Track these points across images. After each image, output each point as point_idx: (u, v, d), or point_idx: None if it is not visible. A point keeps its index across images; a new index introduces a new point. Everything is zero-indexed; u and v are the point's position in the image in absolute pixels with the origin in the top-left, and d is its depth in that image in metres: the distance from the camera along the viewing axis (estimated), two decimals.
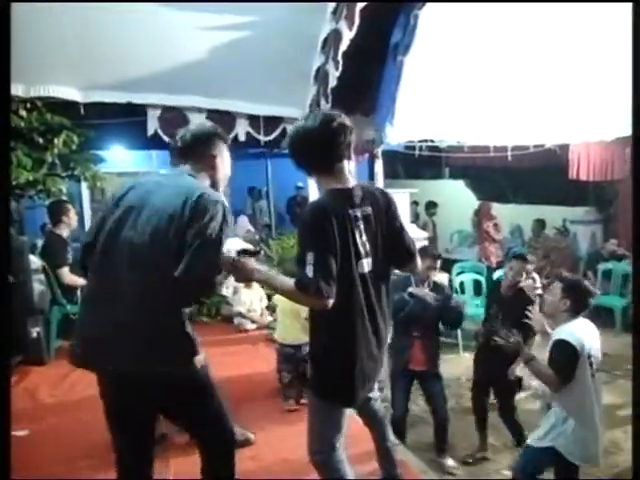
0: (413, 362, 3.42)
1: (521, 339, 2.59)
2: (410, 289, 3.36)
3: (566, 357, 2.35)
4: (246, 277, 2.00)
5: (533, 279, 5.03)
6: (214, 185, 2.02)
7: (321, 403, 1.98)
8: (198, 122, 2.18)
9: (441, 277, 5.42)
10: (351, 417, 2.16)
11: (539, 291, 4.37)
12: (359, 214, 1.90)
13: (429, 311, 3.34)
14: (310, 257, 1.76)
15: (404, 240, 2.05)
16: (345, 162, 1.94)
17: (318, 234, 1.79)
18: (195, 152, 1.99)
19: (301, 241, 1.86)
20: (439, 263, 3.52)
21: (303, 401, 3.31)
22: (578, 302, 2.49)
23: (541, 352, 2.57)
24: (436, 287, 3.47)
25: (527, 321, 2.75)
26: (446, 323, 3.57)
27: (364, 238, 1.90)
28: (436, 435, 3.47)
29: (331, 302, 1.77)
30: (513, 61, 4.24)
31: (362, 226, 1.90)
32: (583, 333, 2.44)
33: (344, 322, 1.88)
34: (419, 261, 2.16)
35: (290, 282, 1.85)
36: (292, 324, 3.54)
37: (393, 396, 3.53)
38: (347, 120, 1.92)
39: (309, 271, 1.75)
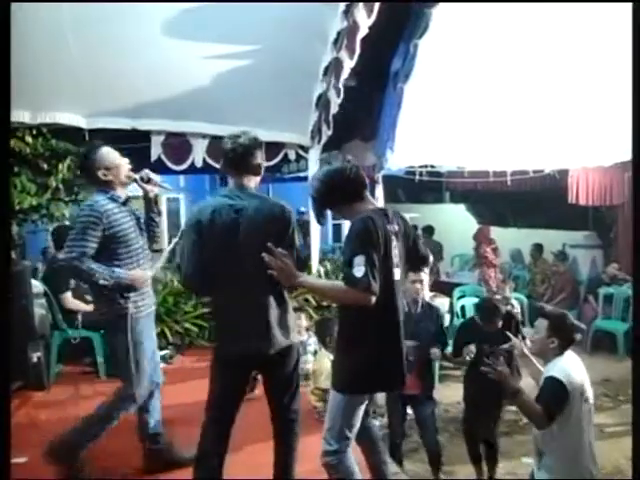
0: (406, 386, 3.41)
1: (508, 370, 2.50)
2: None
3: (555, 394, 2.31)
4: (291, 280, 2.18)
5: (512, 305, 5.02)
6: None
7: (350, 400, 2.20)
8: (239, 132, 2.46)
9: (442, 301, 5.43)
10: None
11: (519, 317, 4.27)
12: (392, 230, 2.22)
13: (421, 335, 3.32)
14: (360, 259, 2.03)
15: (420, 247, 2.45)
16: (366, 190, 2.31)
17: (368, 240, 2.07)
18: (245, 162, 2.41)
19: (350, 246, 2.12)
20: (427, 278, 3.55)
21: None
22: (565, 339, 2.44)
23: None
24: (430, 308, 3.48)
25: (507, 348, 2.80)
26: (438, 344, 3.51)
27: (396, 251, 2.21)
28: (429, 461, 3.41)
29: (374, 299, 2.03)
30: (512, 88, 4.31)
31: (395, 241, 2.21)
32: (574, 369, 2.40)
33: (390, 320, 2.19)
34: (431, 258, 2.57)
35: (337, 282, 2.19)
36: None
37: (390, 421, 3.52)
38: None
39: (358, 272, 2.02)
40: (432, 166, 5.92)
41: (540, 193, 7.04)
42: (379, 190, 4.69)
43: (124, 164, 2.79)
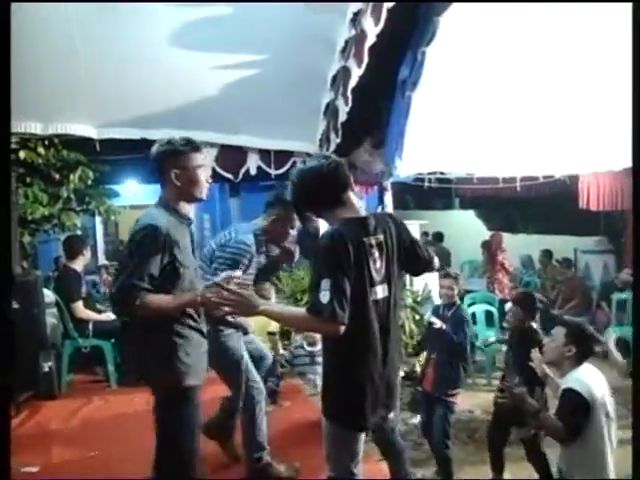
0: (425, 381, 3.40)
1: (525, 390, 2.44)
2: (430, 318, 3.37)
3: (576, 407, 2.22)
4: (250, 310, 1.98)
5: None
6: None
7: (334, 427, 2.04)
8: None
9: None
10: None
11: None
12: (373, 242, 1.98)
13: (444, 336, 3.30)
14: (325, 283, 1.81)
15: (419, 251, 2.20)
16: (350, 192, 2.06)
17: (334, 261, 1.85)
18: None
19: (317, 267, 1.91)
20: (457, 283, 3.48)
21: None
22: (584, 348, 2.37)
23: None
24: (459, 317, 3.38)
25: (531, 364, 2.65)
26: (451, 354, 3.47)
27: (378, 265, 1.97)
28: (437, 468, 3.34)
29: (343, 328, 1.83)
30: (520, 93, 4.29)
31: (377, 253, 1.98)
32: (594, 381, 2.32)
33: (355, 347, 1.95)
34: (437, 260, 2.32)
35: (299, 310, 1.99)
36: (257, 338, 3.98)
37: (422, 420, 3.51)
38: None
39: (323, 297, 1.80)
40: (441, 173, 5.91)
41: (550, 199, 7.00)
42: (388, 197, 4.69)
43: None
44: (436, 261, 2.30)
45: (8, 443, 1.75)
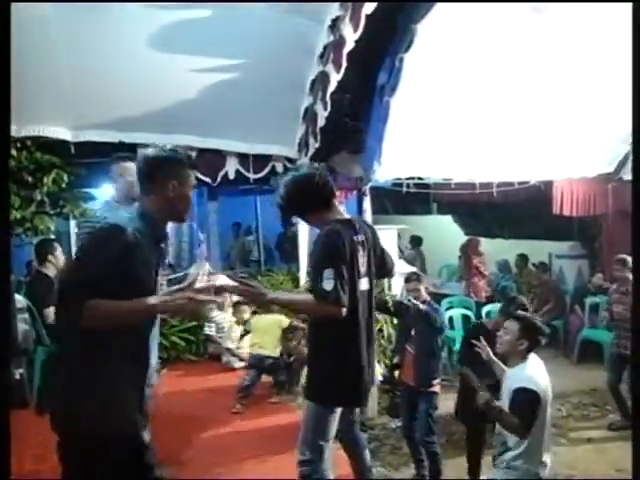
0: (405, 375, 3.40)
1: (489, 395, 2.50)
2: (406, 300, 3.35)
3: (531, 405, 2.36)
4: (260, 299, 2.15)
5: None
6: None
7: (320, 410, 2.22)
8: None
9: None
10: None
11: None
12: (360, 239, 2.22)
13: (420, 326, 3.30)
14: (329, 272, 2.04)
15: (386, 257, 2.49)
16: (334, 198, 2.29)
17: (335, 253, 2.08)
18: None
19: (318, 260, 2.13)
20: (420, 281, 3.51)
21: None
22: (534, 342, 2.52)
23: None
24: (432, 307, 3.39)
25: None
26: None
27: (362, 260, 2.22)
28: (415, 466, 3.34)
29: (345, 311, 2.06)
30: (497, 101, 4.37)
31: (361, 251, 2.22)
32: (540, 375, 2.47)
33: (346, 331, 2.17)
34: (395, 269, 2.69)
35: (306, 296, 2.21)
36: (271, 338, 4.46)
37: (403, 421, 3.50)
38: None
39: (327, 284, 2.02)
40: (419, 178, 5.96)
41: (526, 204, 7.10)
42: (367, 202, 4.71)
43: None
44: (395, 269, 2.66)
45: (8, 443, 1.72)
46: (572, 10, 3.67)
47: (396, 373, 3.76)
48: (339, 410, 2.27)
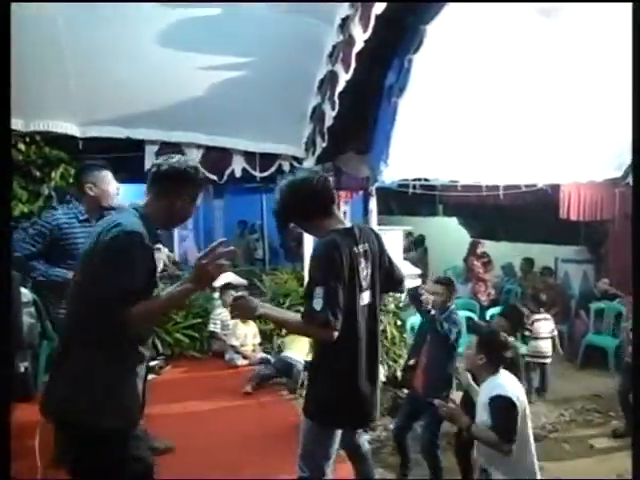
0: (415, 379, 3.30)
1: (456, 406, 2.50)
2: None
3: (508, 413, 2.26)
4: (250, 313, 2.02)
5: None
6: None
7: (319, 429, 2.08)
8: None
9: None
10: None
11: None
12: (361, 250, 2.05)
13: (438, 335, 3.19)
14: (319, 290, 1.87)
15: (394, 269, 2.27)
16: (334, 205, 2.12)
17: (329, 268, 1.92)
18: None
19: (311, 275, 1.98)
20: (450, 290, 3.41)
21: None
22: (493, 357, 2.42)
23: None
24: (453, 320, 3.29)
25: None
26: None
27: (364, 273, 2.05)
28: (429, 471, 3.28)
29: (336, 334, 1.89)
30: (506, 103, 4.35)
31: (363, 262, 2.05)
32: (513, 385, 2.38)
33: (344, 349, 2.00)
34: (405, 284, 2.46)
35: (296, 316, 2.02)
36: (300, 345, 4.58)
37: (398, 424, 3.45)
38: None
39: (317, 304, 1.86)
40: (426, 179, 5.95)
41: (532, 207, 7.07)
42: (372, 202, 4.71)
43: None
44: (405, 284, 2.43)
45: (8, 443, 1.70)
46: (583, 13, 3.66)
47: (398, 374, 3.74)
48: (337, 430, 2.15)
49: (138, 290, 1.72)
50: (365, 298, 2.06)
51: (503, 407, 2.28)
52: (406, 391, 3.65)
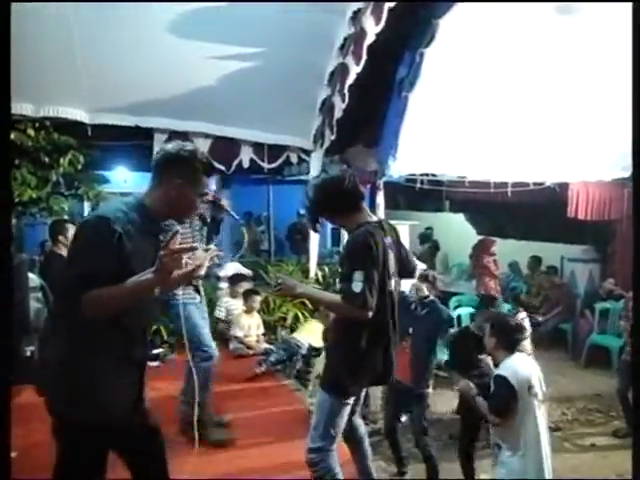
0: (397, 371, 3.36)
1: (467, 382, 2.80)
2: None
3: (500, 390, 2.49)
4: (292, 291, 2.22)
5: None
6: None
7: (335, 400, 2.24)
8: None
9: None
10: None
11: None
12: (389, 241, 2.27)
13: (420, 323, 3.34)
14: (359, 275, 2.08)
15: (410, 260, 2.52)
16: (363, 200, 2.33)
17: (368, 256, 2.12)
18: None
19: (350, 261, 2.17)
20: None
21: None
22: (505, 340, 2.64)
23: None
24: (436, 308, 3.47)
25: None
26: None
27: (391, 262, 2.26)
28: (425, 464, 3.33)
29: (371, 314, 2.10)
30: (516, 100, 4.32)
31: (390, 252, 2.25)
32: (521, 365, 2.56)
33: (371, 328, 2.19)
34: (417, 272, 2.76)
35: (335, 296, 2.23)
36: (318, 327, 4.44)
37: (385, 410, 3.53)
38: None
39: (356, 287, 2.07)
40: (433, 175, 5.93)
41: (540, 205, 7.04)
42: (380, 196, 4.70)
43: None
44: (417, 270, 2.72)
45: (8, 443, 1.72)
46: (597, 12, 3.62)
47: None
48: (351, 402, 2.31)
49: (98, 275, 1.61)
50: (392, 285, 2.26)
51: (498, 384, 2.52)
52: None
